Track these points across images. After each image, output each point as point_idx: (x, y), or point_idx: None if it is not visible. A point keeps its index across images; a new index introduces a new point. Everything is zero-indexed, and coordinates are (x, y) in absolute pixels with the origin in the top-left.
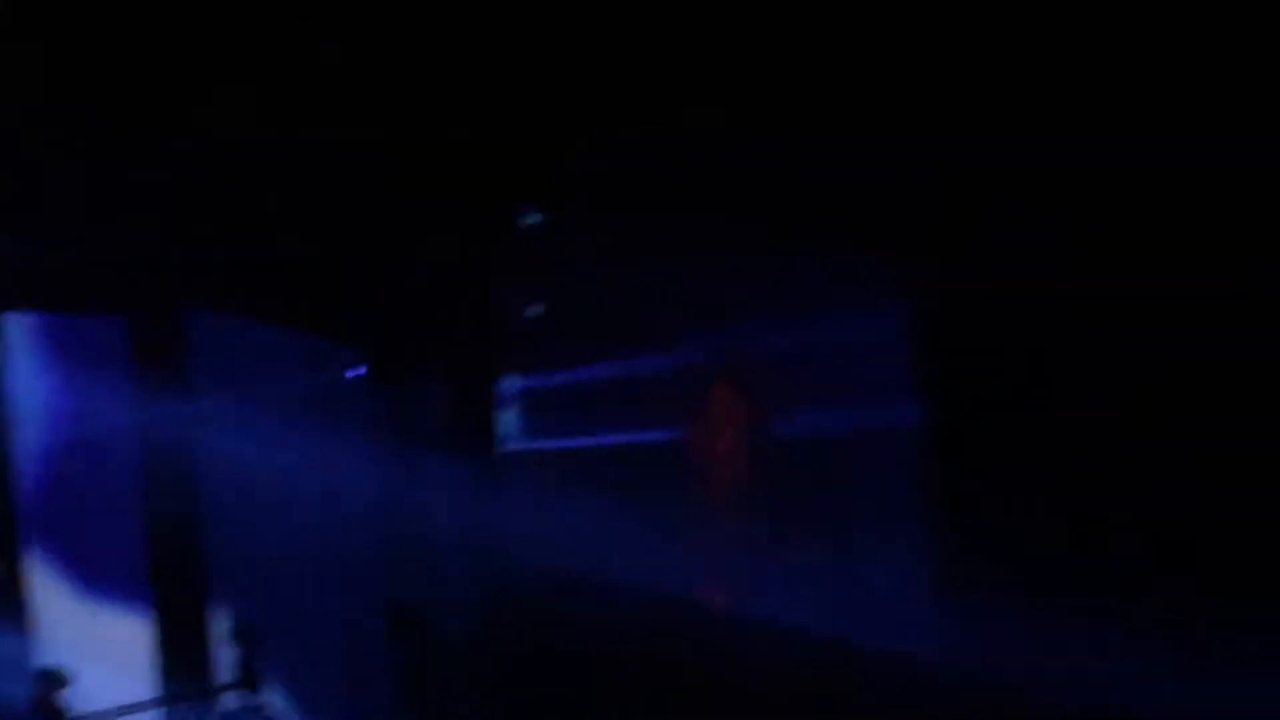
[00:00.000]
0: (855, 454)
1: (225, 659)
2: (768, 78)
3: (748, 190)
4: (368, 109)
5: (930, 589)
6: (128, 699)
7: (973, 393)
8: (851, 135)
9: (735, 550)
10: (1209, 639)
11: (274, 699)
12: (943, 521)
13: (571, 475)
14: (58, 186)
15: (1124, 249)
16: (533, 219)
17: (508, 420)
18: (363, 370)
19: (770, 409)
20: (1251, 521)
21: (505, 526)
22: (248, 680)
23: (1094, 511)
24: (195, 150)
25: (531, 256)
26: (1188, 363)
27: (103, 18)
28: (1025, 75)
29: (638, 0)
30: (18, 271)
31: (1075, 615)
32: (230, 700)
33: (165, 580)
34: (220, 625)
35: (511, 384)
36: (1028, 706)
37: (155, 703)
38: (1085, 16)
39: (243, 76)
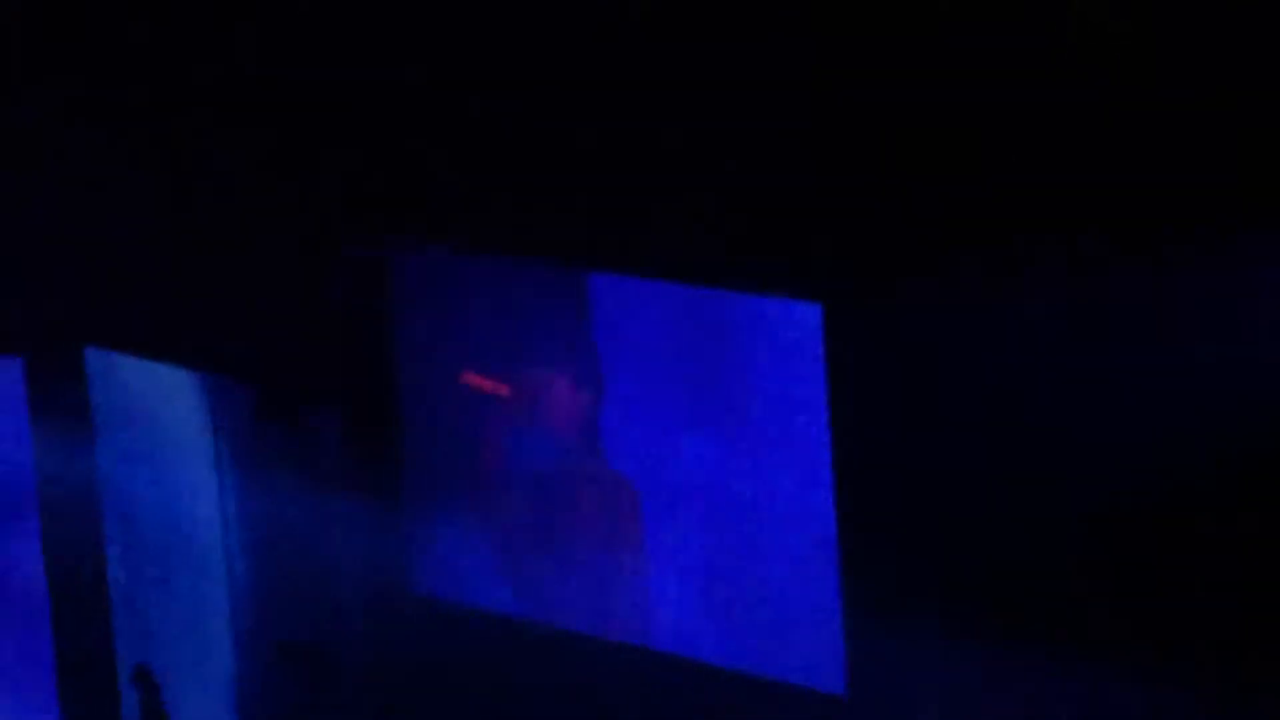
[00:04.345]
0: None
1: (128, 704)
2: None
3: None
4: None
5: None
6: None
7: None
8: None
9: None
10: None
11: None
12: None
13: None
14: None
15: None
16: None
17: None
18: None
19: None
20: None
21: (403, 559)
22: None
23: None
24: (82, 189)
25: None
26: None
27: None
28: None
29: None
30: None
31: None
32: None
33: (67, 624)
34: (122, 670)
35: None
36: None
37: None
38: None
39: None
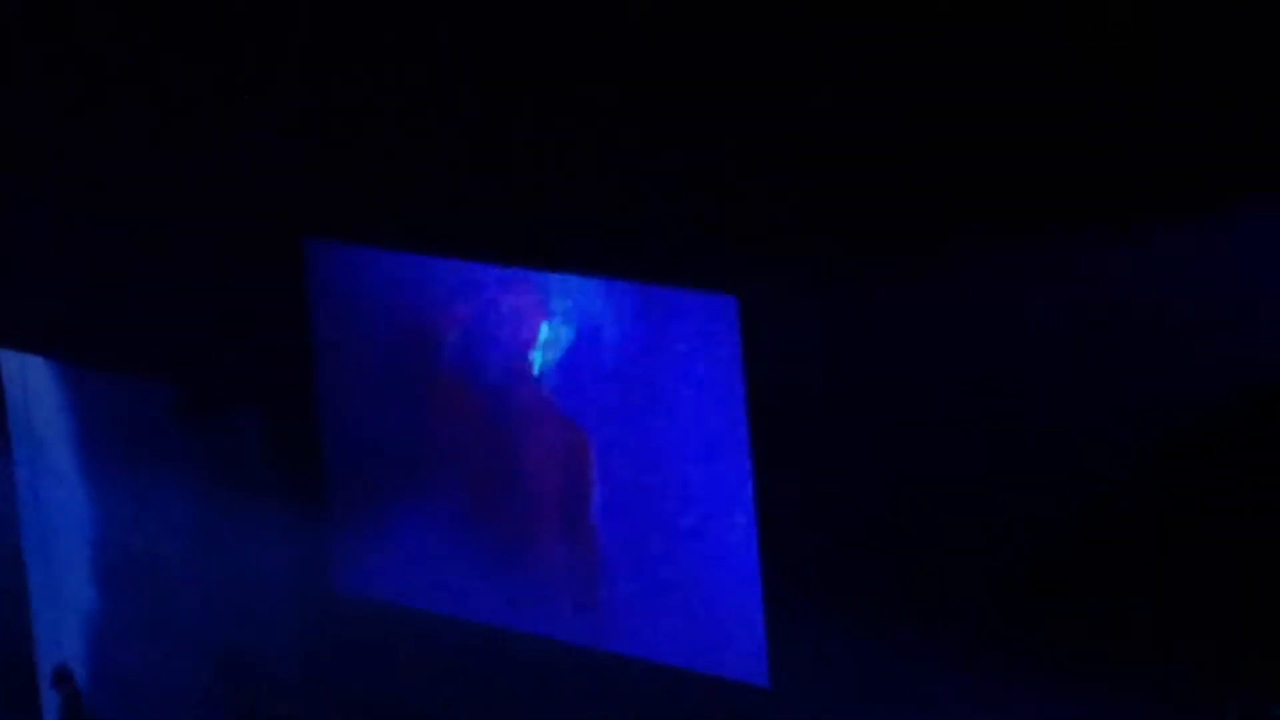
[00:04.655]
0: None
1: (49, 705)
2: None
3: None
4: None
5: None
6: None
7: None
8: None
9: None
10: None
11: None
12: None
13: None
14: None
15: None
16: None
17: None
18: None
19: None
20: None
21: (327, 558)
22: None
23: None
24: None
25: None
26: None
27: None
28: None
29: None
30: None
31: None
32: None
33: None
34: (45, 670)
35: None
36: None
37: None
38: None
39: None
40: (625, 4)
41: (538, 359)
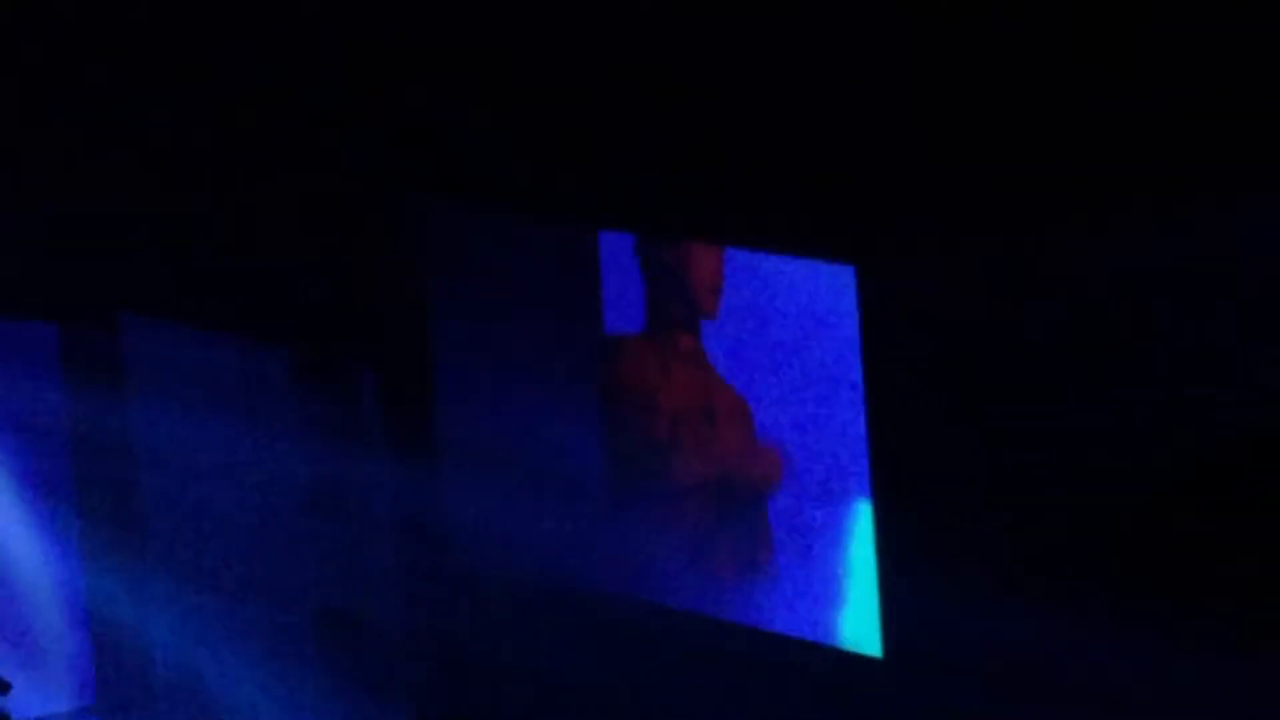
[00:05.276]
0: None
1: (162, 680)
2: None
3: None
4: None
5: None
6: (65, 708)
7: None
8: None
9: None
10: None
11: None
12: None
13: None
14: None
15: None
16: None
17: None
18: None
19: None
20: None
21: (443, 523)
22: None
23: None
24: (120, 158)
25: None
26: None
27: None
28: None
29: None
30: None
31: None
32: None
33: (102, 585)
34: (157, 634)
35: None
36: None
37: (93, 710)
38: None
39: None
40: None
41: (652, 321)
